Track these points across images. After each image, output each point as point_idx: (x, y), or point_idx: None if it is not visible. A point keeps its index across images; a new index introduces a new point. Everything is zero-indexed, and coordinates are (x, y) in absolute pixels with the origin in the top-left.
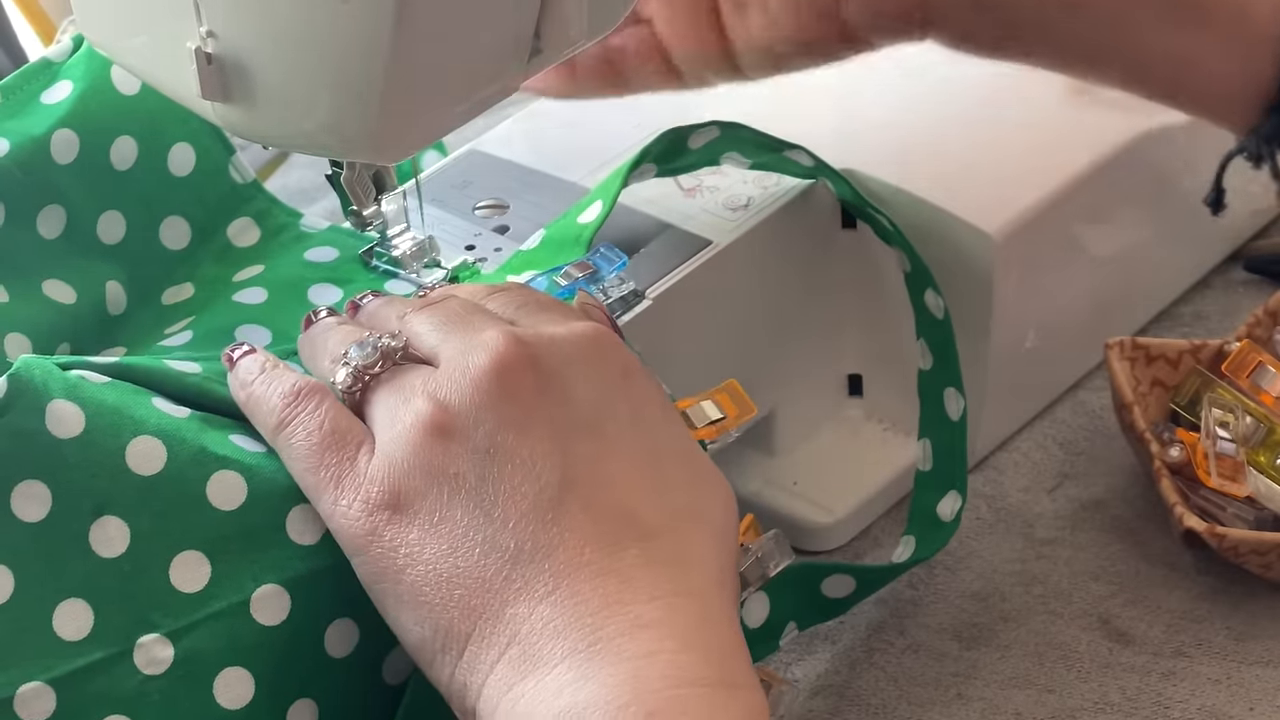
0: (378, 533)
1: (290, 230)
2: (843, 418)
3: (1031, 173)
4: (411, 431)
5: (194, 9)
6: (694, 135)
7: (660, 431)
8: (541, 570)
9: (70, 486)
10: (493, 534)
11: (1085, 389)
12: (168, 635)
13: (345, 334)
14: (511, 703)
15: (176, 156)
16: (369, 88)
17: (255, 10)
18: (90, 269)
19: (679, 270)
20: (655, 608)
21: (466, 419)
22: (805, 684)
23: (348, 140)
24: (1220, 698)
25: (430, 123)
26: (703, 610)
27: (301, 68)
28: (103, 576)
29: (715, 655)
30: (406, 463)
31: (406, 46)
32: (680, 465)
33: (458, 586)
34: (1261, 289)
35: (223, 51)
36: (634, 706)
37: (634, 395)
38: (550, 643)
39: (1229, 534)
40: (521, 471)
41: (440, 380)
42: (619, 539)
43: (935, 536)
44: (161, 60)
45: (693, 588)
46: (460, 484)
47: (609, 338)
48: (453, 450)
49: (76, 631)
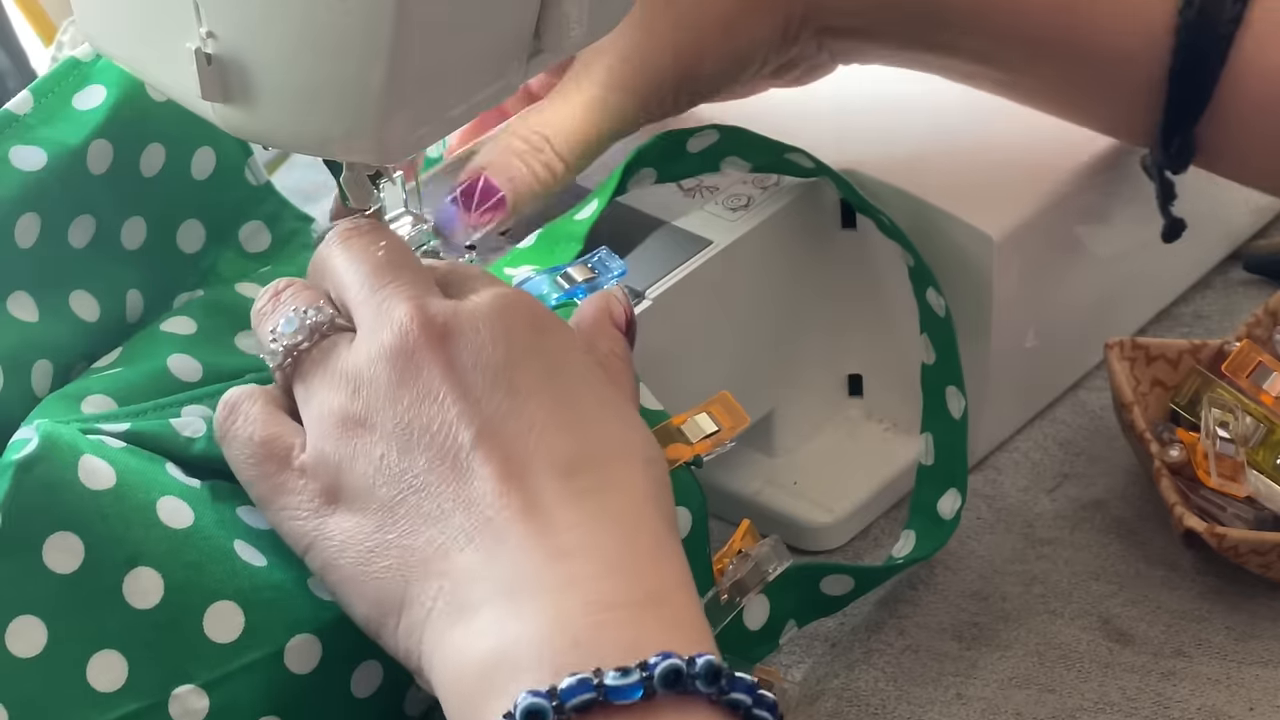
0: (321, 526)
1: (301, 236)
2: (843, 418)
3: (1031, 173)
4: (333, 423)
5: (194, 10)
6: (693, 140)
7: (578, 379)
8: (463, 523)
9: (103, 538)
10: (418, 503)
11: (1085, 389)
12: (203, 686)
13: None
14: (444, 653)
15: (199, 160)
16: (368, 88)
17: (255, 11)
18: (115, 277)
19: (679, 270)
20: (575, 535)
21: (382, 401)
22: (805, 684)
23: (347, 141)
24: (1220, 698)
25: (430, 123)
26: (627, 531)
27: (301, 68)
28: (137, 628)
29: (641, 574)
30: (334, 455)
31: (406, 47)
32: (600, 409)
33: (388, 558)
34: (1261, 289)
35: (223, 52)
36: (557, 638)
37: (548, 349)
38: (473, 588)
39: (1229, 534)
40: (440, 439)
41: (354, 363)
42: (537, 478)
43: (935, 534)
44: (161, 61)
45: (616, 511)
46: (384, 464)
47: (518, 298)
48: (373, 435)
49: (111, 683)
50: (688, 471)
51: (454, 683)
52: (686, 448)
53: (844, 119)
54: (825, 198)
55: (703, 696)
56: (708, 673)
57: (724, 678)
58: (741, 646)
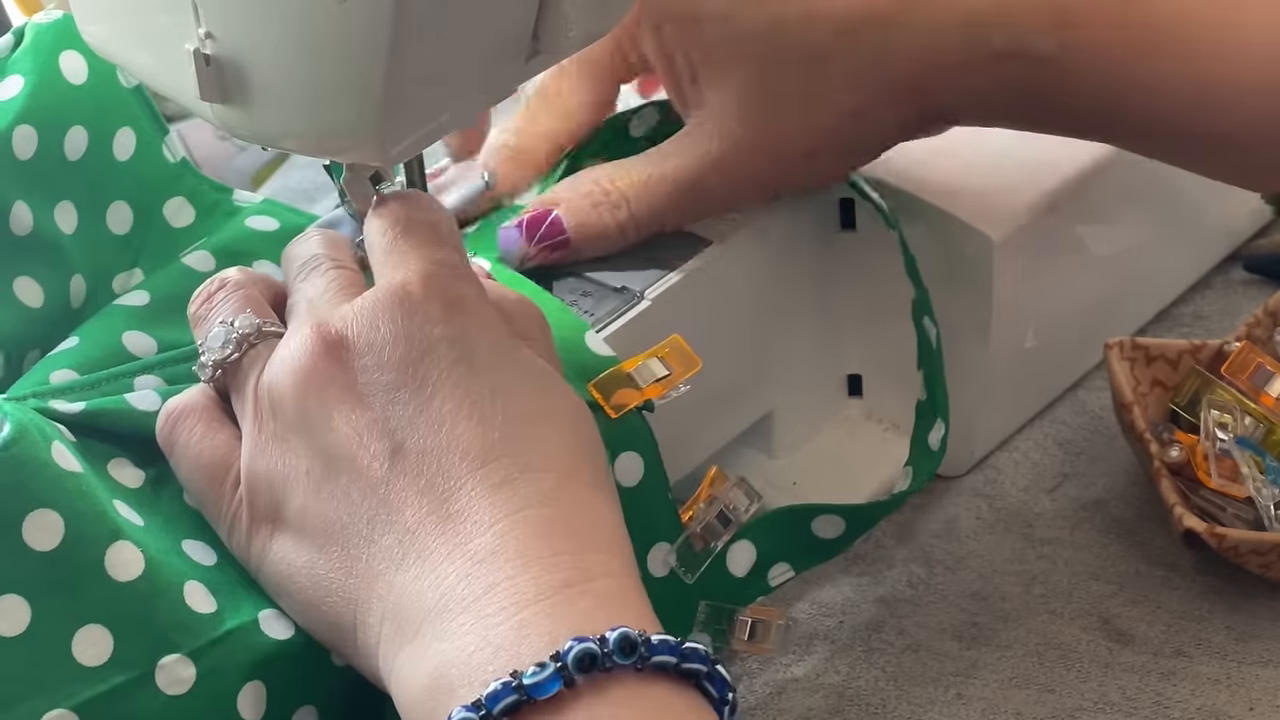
0: (265, 549)
1: (224, 205)
2: (842, 418)
3: (1031, 173)
4: (261, 441)
5: (192, 10)
6: (635, 121)
7: (490, 354)
8: (392, 541)
9: (83, 514)
10: (346, 522)
11: (1085, 389)
12: (189, 655)
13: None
14: (397, 677)
15: (120, 141)
16: (367, 89)
17: (254, 12)
18: (56, 262)
19: (678, 270)
20: (491, 537)
21: (298, 418)
22: (805, 683)
23: (345, 141)
24: (1220, 698)
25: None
26: (546, 516)
27: (300, 69)
28: (121, 600)
29: (557, 562)
30: (265, 476)
31: (404, 48)
32: (516, 377)
33: (331, 581)
34: (1261, 289)
35: (221, 53)
36: (481, 651)
37: (454, 332)
38: (410, 610)
39: (1229, 534)
40: (355, 453)
41: (268, 379)
42: (454, 479)
43: (924, 467)
44: (160, 61)
45: (534, 496)
46: (310, 480)
47: (415, 287)
48: (295, 450)
49: (97, 657)
50: (639, 416)
51: (408, 707)
52: (636, 393)
53: None
54: (825, 197)
55: (629, 669)
56: (621, 646)
57: (641, 645)
58: (729, 592)
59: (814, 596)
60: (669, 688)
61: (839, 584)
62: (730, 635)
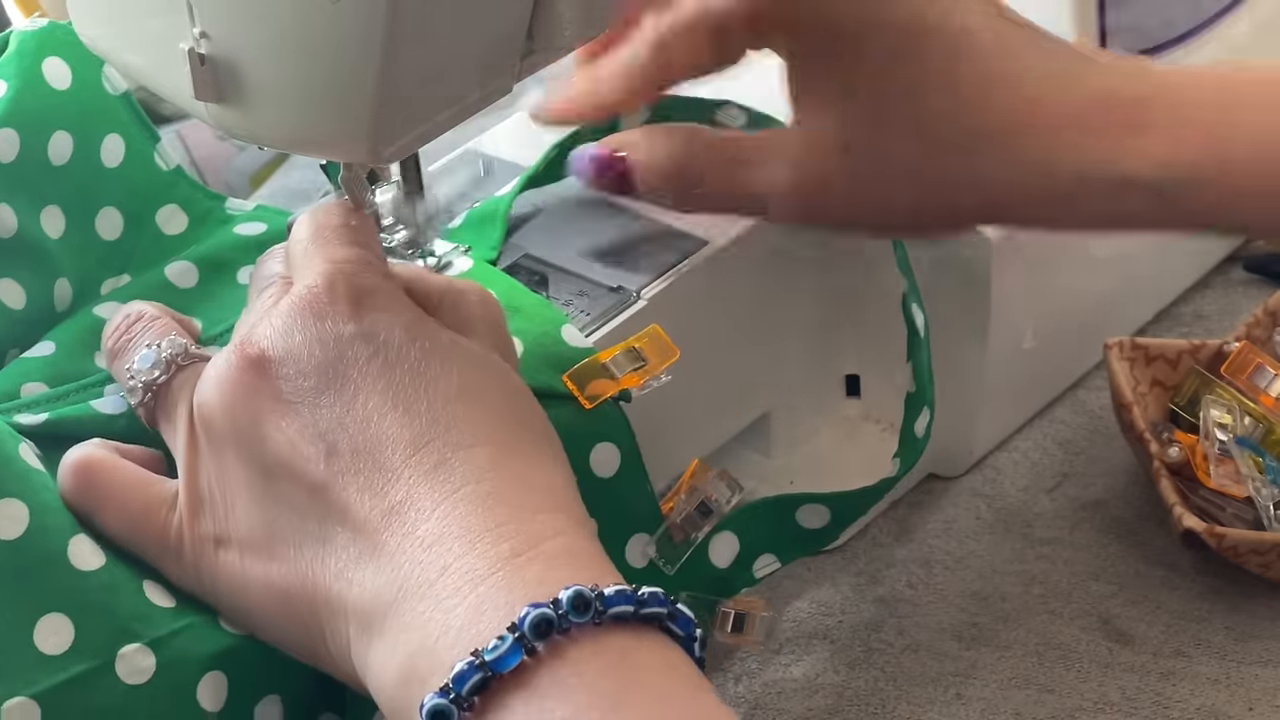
0: (214, 569)
1: (216, 214)
2: (840, 418)
3: None
4: (196, 462)
5: (187, 10)
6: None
7: (405, 342)
8: (344, 540)
9: (47, 505)
10: (297, 526)
11: (1085, 389)
12: (149, 644)
13: (138, 333)
14: (371, 675)
15: (108, 148)
16: (361, 89)
17: (248, 11)
18: (40, 266)
19: (676, 270)
20: (435, 520)
21: (231, 432)
22: (805, 683)
23: (341, 141)
24: (1220, 698)
25: (423, 124)
26: (485, 490)
27: (294, 69)
28: (82, 590)
29: (503, 532)
30: (204, 492)
31: (398, 47)
32: (436, 360)
33: (290, 589)
34: (1261, 289)
35: (216, 52)
36: (442, 637)
37: (365, 327)
38: (373, 604)
39: (1228, 534)
40: (291, 459)
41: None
42: (390, 471)
43: (909, 455)
44: (155, 61)
45: (470, 473)
46: (251, 491)
47: (320, 290)
48: (232, 464)
49: (58, 646)
50: (615, 407)
51: (386, 704)
52: (611, 383)
53: None
54: None
55: (588, 625)
56: (575, 605)
57: (595, 600)
58: (712, 584)
59: (814, 596)
60: (630, 637)
61: (839, 584)
62: (713, 628)
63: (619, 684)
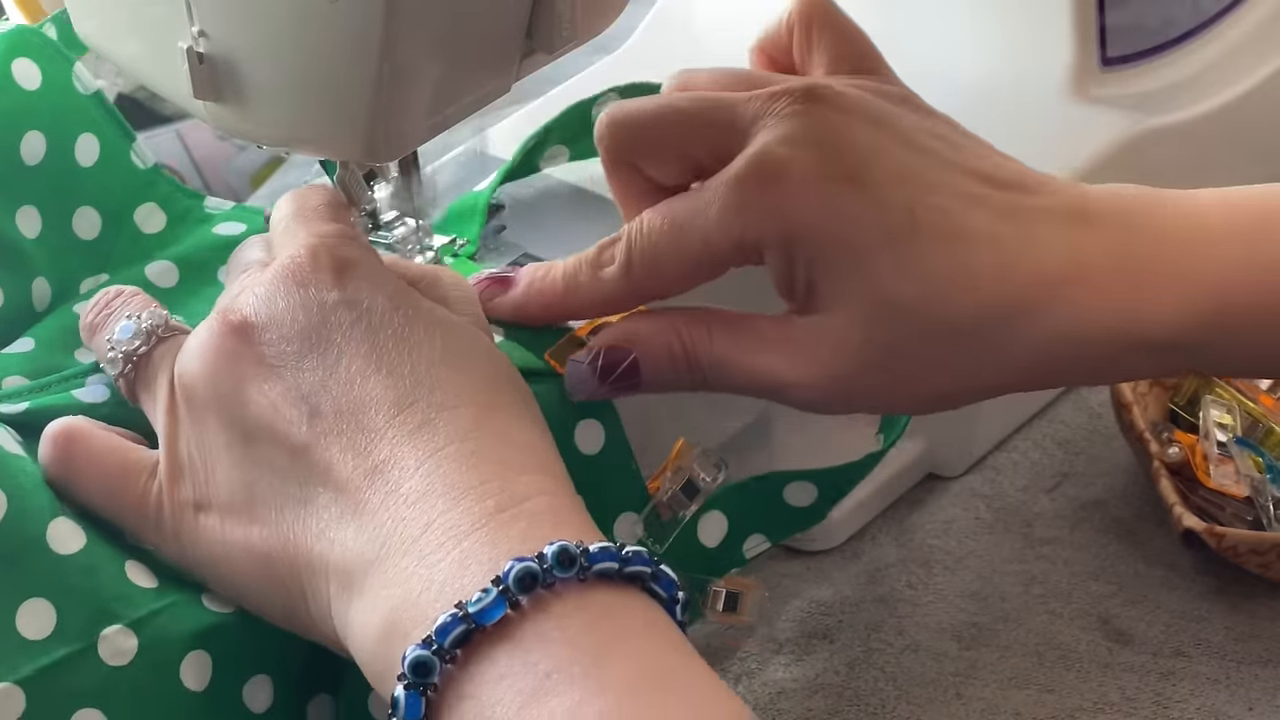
0: (195, 534)
1: (195, 213)
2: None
3: None
4: (177, 428)
5: (186, 8)
6: (597, 106)
7: (388, 308)
8: (326, 500)
9: (24, 489)
10: (278, 488)
11: (1084, 389)
12: (130, 625)
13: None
14: (351, 634)
15: (82, 147)
16: (359, 88)
17: (247, 10)
18: (18, 266)
19: None
20: (419, 479)
21: (211, 397)
22: (805, 683)
23: (339, 140)
24: (1220, 697)
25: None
26: (469, 449)
27: (292, 68)
28: (63, 574)
29: (487, 488)
30: (185, 457)
31: (396, 46)
32: (419, 326)
33: (270, 549)
34: None
35: (215, 51)
36: (425, 592)
37: (349, 294)
38: (355, 563)
39: (1228, 534)
40: (273, 421)
41: (182, 363)
42: (373, 431)
43: (892, 431)
44: (154, 60)
45: (454, 432)
46: (231, 454)
47: (304, 259)
48: (213, 429)
49: (40, 630)
50: None
51: (367, 661)
52: None
53: None
54: None
55: (572, 581)
56: (560, 560)
57: (580, 556)
58: (703, 563)
59: (814, 596)
60: (614, 593)
61: (839, 584)
62: (704, 607)
63: (602, 638)
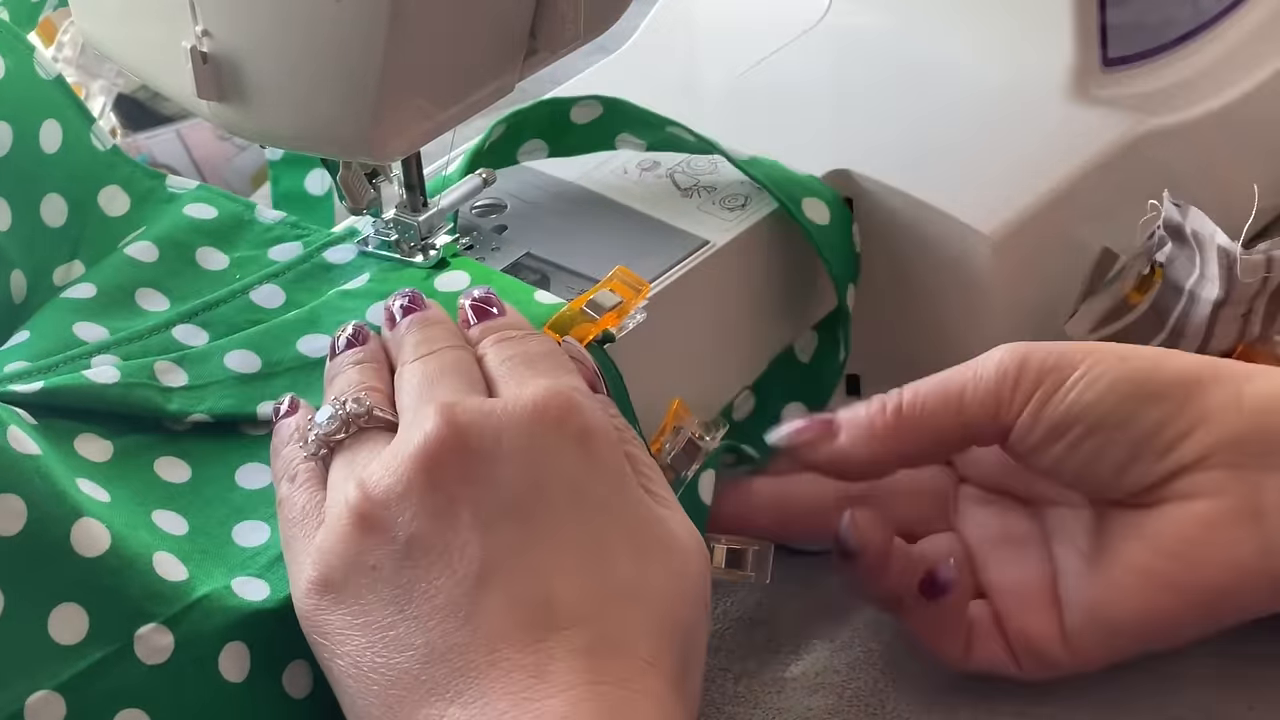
0: (314, 614)
1: (158, 193)
2: None
3: (1028, 172)
4: (339, 520)
5: (190, 8)
6: (576, 109)
7: (605, 506)
8: (453, 670)
9: (44, 494)
10: (406, 631)
11: None
12: (165, 623)
13: (342, 384)
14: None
15: (46, 134)
16: (363, 87)
17: (250, 9)
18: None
19: (675, 270)
20: (563, 701)
21: (388, 509)
22: (805, 683)
23: (342, 139)
24: (1220, 698)
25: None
26: (619, 697)
27: (296, 67)
28: (92, 576)
29: None
30: (333, 551)
31: (400, 46)
32: (626, 538)
33: (375, 681)
34: None
35: (218, 50)
36: None
37: (579, 468)
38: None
39: None
40: (438, 565)
41: (375, 466)
42: (536, 631)
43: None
44: (157, 58)
45: (611, 674)
46: (378, 577)
47: (559, 406)
48: (372, 541)
49: (74, 635)
50: (600, 350)
51: None
52: (592, 324)
53: (838, 116)
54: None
55: None
56: None
57: None
58: (704, 521)
59: (814, 596)
60: None
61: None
62: None
63: None
